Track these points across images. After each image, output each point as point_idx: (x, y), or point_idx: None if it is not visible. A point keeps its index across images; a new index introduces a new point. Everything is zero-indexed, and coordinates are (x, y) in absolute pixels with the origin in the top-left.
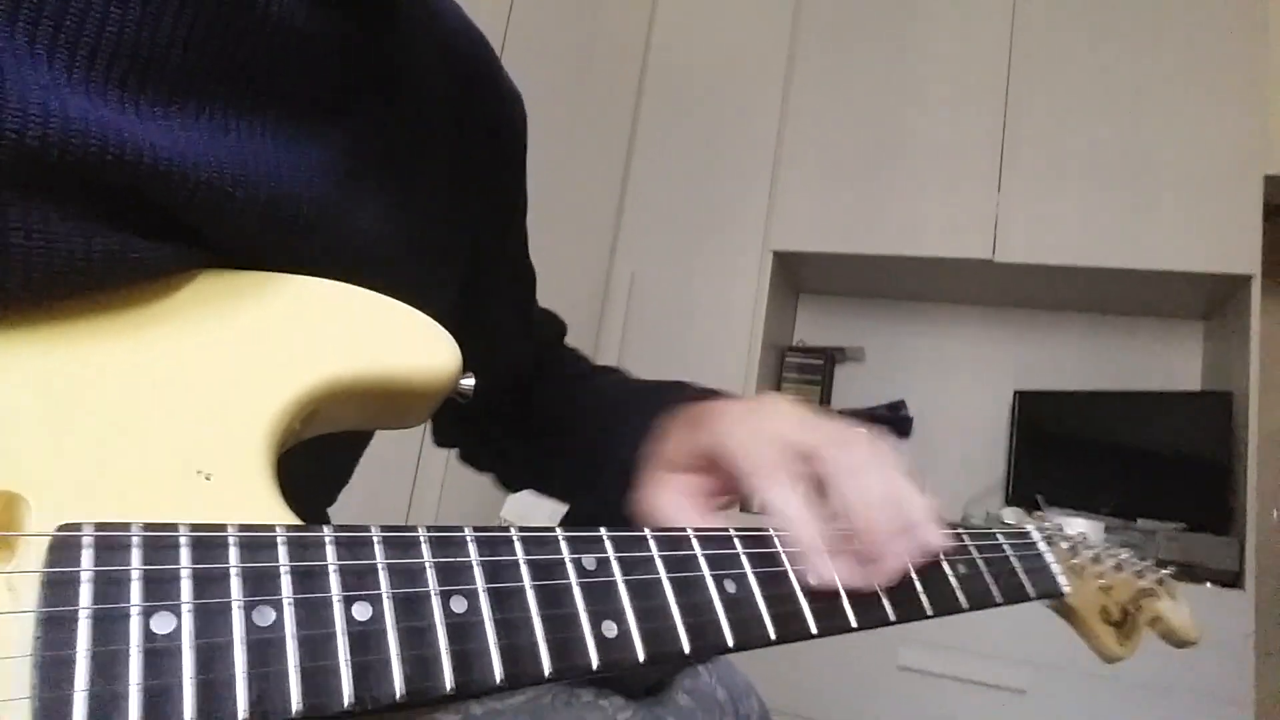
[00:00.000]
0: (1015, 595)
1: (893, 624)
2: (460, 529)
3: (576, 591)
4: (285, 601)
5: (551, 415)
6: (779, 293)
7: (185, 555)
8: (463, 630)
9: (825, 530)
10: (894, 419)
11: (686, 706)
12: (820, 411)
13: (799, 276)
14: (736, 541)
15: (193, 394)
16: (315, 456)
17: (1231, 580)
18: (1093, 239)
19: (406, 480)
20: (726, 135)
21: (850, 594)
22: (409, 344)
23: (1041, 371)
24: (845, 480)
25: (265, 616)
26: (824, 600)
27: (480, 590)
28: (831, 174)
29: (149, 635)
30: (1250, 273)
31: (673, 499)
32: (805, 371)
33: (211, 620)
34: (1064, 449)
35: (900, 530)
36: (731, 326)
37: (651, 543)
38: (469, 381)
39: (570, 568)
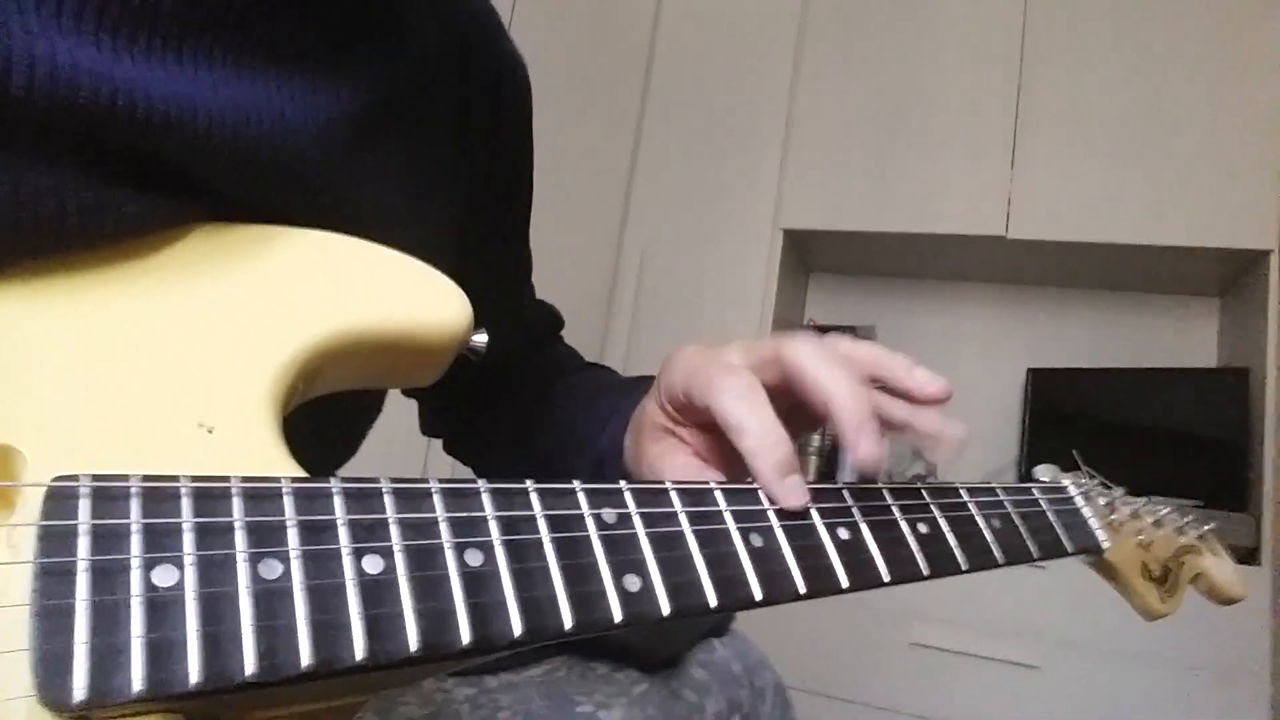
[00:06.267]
0: (1052, 550)
1: (926, 579)
2: (474, 481)
3: (597, 545)
4: (292, 554)
5: (526, 403)
6: (789, 271)
7: (187, 507)
8: (479, 583)
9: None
10: None
11: (702, 679)
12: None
13: (809, 255)
14: (763, 495)
15: (193, 347)
16: (321, 426)
17: (1248, 557)
18: (1107, 214)
19: (418, 453)
20: (736, 112)
21: (880, 548)
22: (417, 297)
23: (1055, 349)
24: (814, 366)
25: (272, 569)
26: (856, 553)
27: (496, 543)
28: (842, 151)
29: (150, 587)
30: (1269, 248)
31: (685, 461)
32: None
33: (215, 573)
34: (1078, 426)
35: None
36: (742, 305)
37: (673, 496)
38: (481, 338)
39: (590, 521)
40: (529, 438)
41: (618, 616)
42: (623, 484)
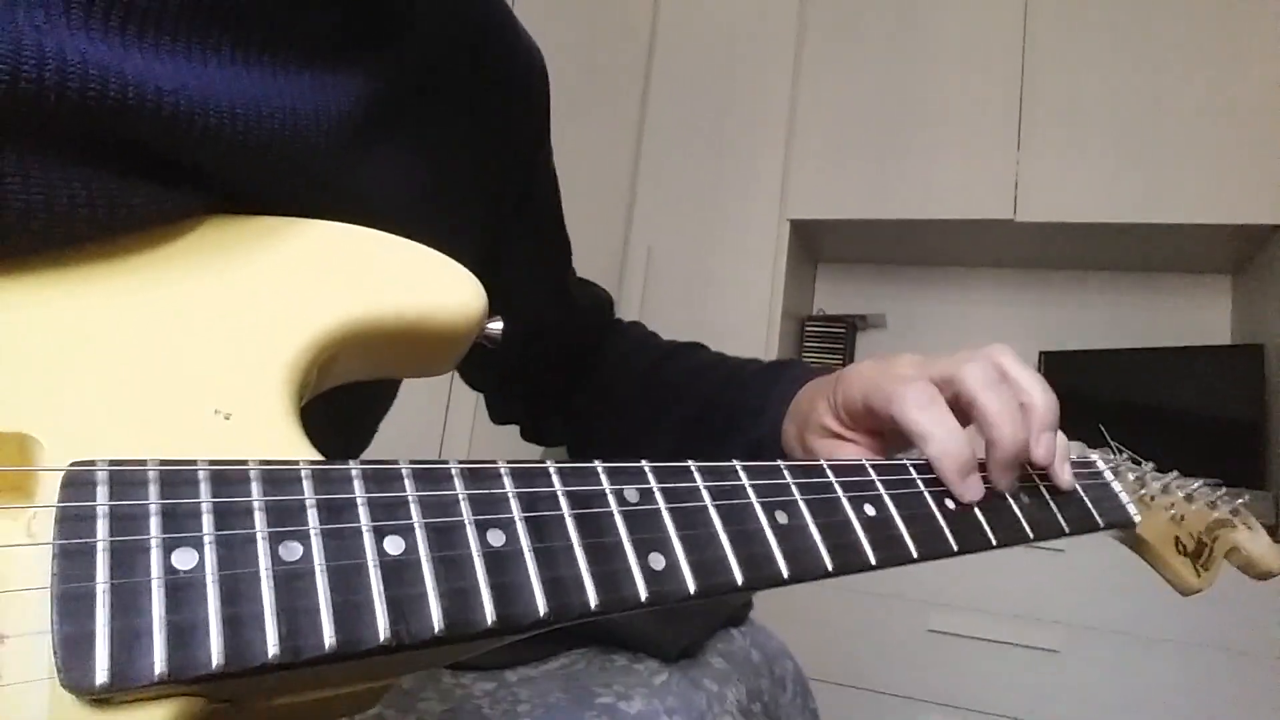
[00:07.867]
0: (1083, 526)
1: (955, 554)
2: (494, 462)
3: (619, 522)
4: (312, 535)
5: (645, 385)
6: (797, 262)
7: (205, 490)
8: (502, 562)
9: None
10: None
11: (722, 669)
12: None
13: (817, 244)
14: (786, 472)
15: (207, 336)
16: (336, 415)
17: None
18: (1116, 194)
19: (434, 440)
20: (739, 104)
21: (907, 524)
22: (430, 284)
23: (1067, 331)
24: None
25: (292, 550)
26: (880, 531)
27: (518, 521)
28: (847, 139)
29: (170, 570)
30: (1279, 222)
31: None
32: (826, 340)
33: (235, 555)
34: (1092, 408)
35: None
36: (751, 298)
37: (696, 474)
38: (496, 325)
39: (611, 499)
40: (656, 417)
41: (643, 595)
42: (643, 462)
